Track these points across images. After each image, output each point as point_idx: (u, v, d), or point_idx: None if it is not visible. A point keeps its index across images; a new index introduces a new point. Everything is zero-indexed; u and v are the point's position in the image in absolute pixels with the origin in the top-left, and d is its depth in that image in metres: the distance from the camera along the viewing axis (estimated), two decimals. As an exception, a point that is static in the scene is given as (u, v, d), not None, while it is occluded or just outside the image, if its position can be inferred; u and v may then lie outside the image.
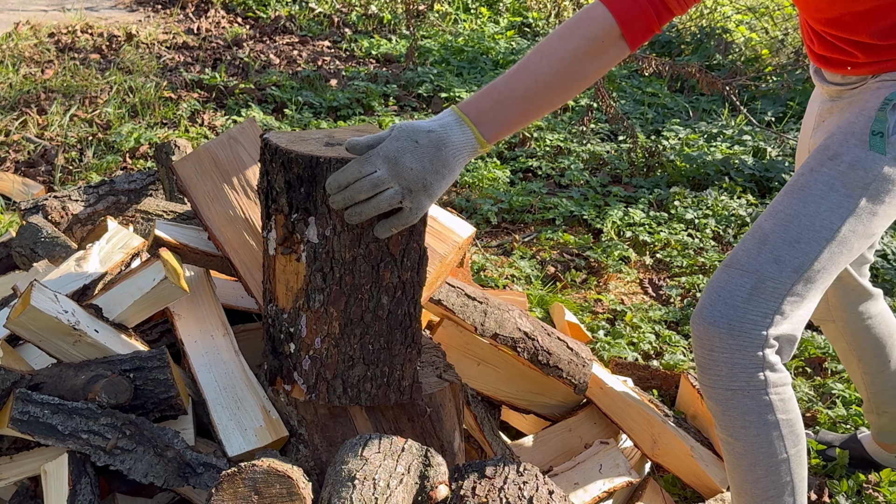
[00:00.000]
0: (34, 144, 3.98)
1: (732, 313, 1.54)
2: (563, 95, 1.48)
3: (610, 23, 1.44)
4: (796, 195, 1.55)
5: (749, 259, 1.55)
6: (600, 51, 1.45)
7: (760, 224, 1.58)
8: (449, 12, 6.25)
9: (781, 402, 1.59)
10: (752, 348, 1.54)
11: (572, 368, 2.14)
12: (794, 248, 1.52)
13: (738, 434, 1.61)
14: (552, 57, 1.45)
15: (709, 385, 1.61)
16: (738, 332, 1.54)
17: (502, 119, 1.45)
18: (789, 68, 5.24)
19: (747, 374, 1.56)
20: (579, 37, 1.45)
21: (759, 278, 1.53)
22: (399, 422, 1.65)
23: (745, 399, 1.58)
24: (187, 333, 1.76)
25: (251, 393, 1.68)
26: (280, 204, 1.52)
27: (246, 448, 1.59)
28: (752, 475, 1.64)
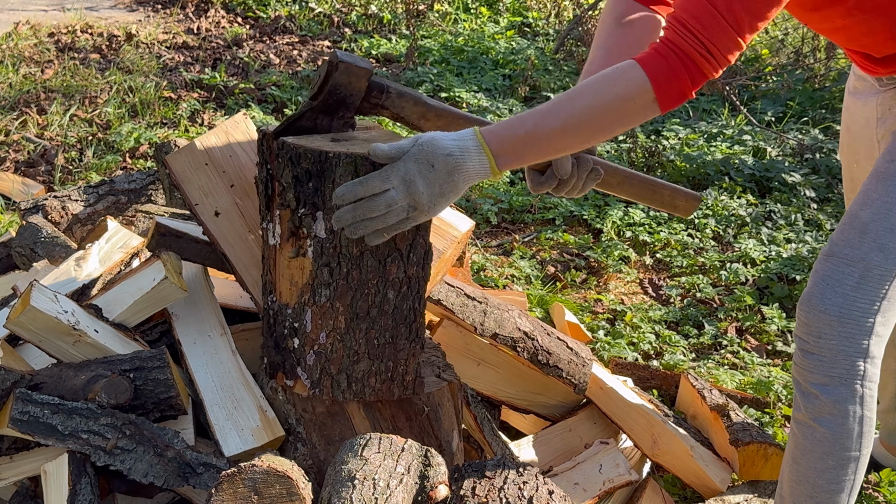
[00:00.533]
0: (34, 144, 3.98)
1: (843, 301, 1.58)
2: (584, 144, 1.50)
3: (646, 87, 1.45)
4: (891, 182, 1.58)
5: (852, 249, 1.58)
6: (631, 111, 1.47)
7: (857, 213, 1.60)
8: (449, 12, 6.25)
9: (870, 398, 1.62)
10: (860, 336, 1.58)
11: (572, 368, 2.14)
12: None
13: (824, 420, 1.63)
14: (584, 108, 1.47)
15: (808, 369, 1.63)
16: (847, 320, 1.57)
17: (521, 156, 1.47)
18: (789, 68, 5.23)
19: (850, 361, 1.59)
20: (614, 95, 1.46)
21: (866, 267, 1.57)
22: (397, 421, 1.65)
23: (841, 387, 1.60)
24: (185, 333, 1.76)
25: (248, 393, 1.68)
26: (287, 199, 1.52)
27: (242, 448, 1.59)
28: (821, 464, 1.65)
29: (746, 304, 3.07)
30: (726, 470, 2.15)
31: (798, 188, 3.89)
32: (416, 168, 1.43)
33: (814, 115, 4.68)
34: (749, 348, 2.88)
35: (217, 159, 1.79)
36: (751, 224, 3.61)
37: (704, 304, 3.11)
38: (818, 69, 5.17)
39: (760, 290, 3.19)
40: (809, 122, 4.62)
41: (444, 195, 1.44)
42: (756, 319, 3.01)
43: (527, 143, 1.46)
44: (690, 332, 2.94)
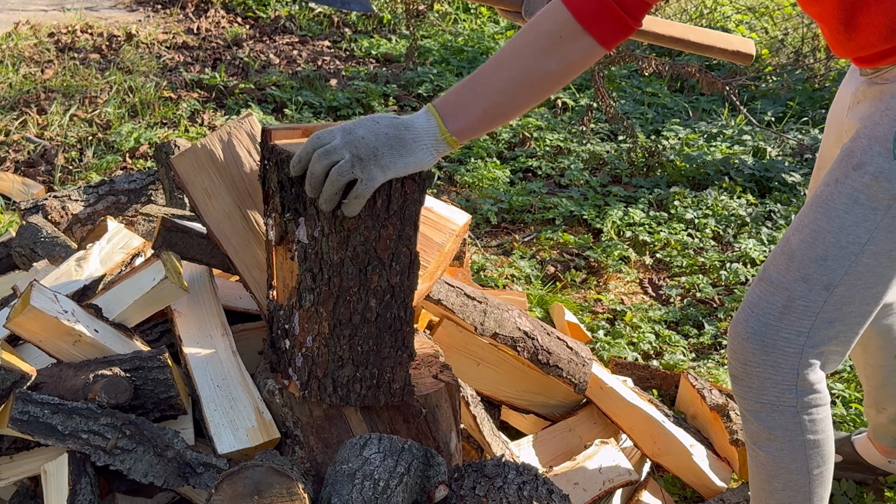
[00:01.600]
0: (34, 144, 3.98)
1: (765, 330, 1.53)
2: (527, 91, 1.44)
3: (566, 17, 1.40)
4: (821, 209, 1.50)
5: (779, 275, 1.53)
6: (560, 46, 1.41)
7: (788, 237, 1.54)
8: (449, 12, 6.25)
9: (811, 423, 1.58)
10: (787, 366, 1.53)
11: (572, 368, 2.14)
12: (821, 266, 1.49)
13: (762, 445, 1.61)
14: (510, 52, 1.43)
15: (739, 395, 1.60)
16: (771, 349, 1.53)
17: (466, 112, 1.43)
18: (789, 68, 5.24)
19: (778, 390, 1.55)
20: (536, 32, 1.42)
21: (790, 297, 1.51)
22: (395, 423, 1.65)
23: (773, 413, 1.57)
24: (186, 331, 1.76)
25: (246, 393, 1.68)
26: (274, 203, 1.53)
27: (237, 447, 1.59)
28: (768, 485, 1.64)
29: (746, 304, 3.07)
30: (726, 470, 2.15)
31: (798, 188, 3.89)
32: (359, 121, 1.41)
33: (814, 115, 4.68)
34: (749, 348, 2.88)
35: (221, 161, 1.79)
36: (751, 224, 3.61)
37: (704, 304, 3.11)
38: (818, 69, 5.17)
39: (760, 290, 3.19)
40: (809, 122, 4.62)
41: (391, 146, 1.40)
42: (756, 319, 3.01)
43: (466, 96, 1.43)
44: (690, 332, 2.94)
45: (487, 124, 1.46)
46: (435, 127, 1.42)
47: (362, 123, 1.42)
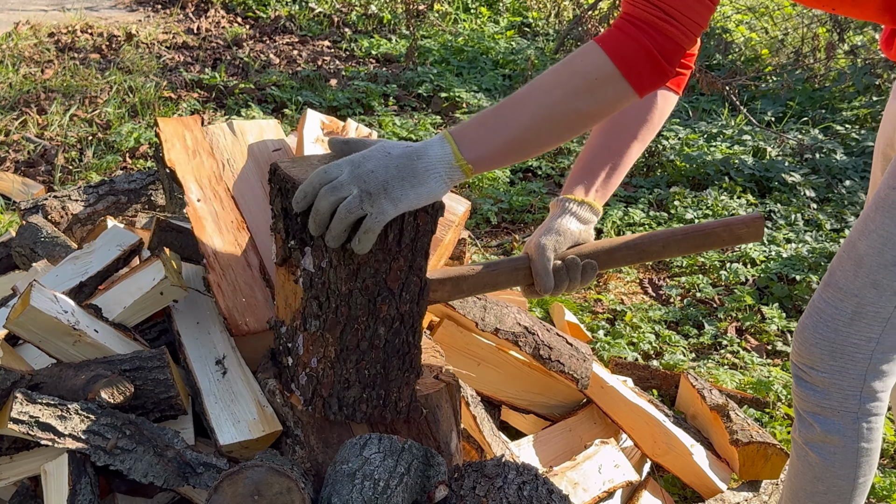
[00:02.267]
0: (34, 144, 3.98)
1: (834, 336, 1.52)
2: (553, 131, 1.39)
3: (603, 60, 1.35)
4: (888, 214, 1.48)
5: (847, 281, 1.51)
6: (593, 88, 1.35)
7: (854, 242, 1.52)
8: (449, 12, 6.25)
9: (869, 431, 1.58)
10: (855, 371, 1.53)
11: (574, 363, 2.14)
12: (891, 272, 1.48)
13: (815, 446, 1.60)
14: (541, 88, 1.38)
15: (801, 397, 1.60)
16: (839, 355, 1.52)
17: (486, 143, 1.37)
18: (789, 68, 5.24)
19: (843, 395, 1.55)
20: (570, 72, 1.37)
21: (859, 303, 1.50)
22: (395, 423, 1.65)
23: (833, 418, 1.57)
24: (185, 327, 1.76)
25: (246, 388, 1.68)
26: (278, 227, 1.49)
27: (238, 439, 1.58)
28: (812, 487, 1.63)
29: (746, 304, 3.07)
30: (726, 470, 2.15)
31: (798, 188, 3.89)
32: (367, 153, 1.35)
33: (814, 115, 4.68)
34: (749, 348, 2.88)
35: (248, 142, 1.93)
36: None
37: (704, 304, 3.11)
38: (818, 69, 5.17)
39: (760, 290, 3.19)
40: (809, 122, 4.62)
41: (402, 178, 1.34)
42: (756, 319, 3.01)
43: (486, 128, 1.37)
44: (690, 332, 2.94)
45: (506, 157, 1.40)
46: (450, 154, 1.36)
47: (372, 156, 1.35)
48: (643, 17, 1.34)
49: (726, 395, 2.47)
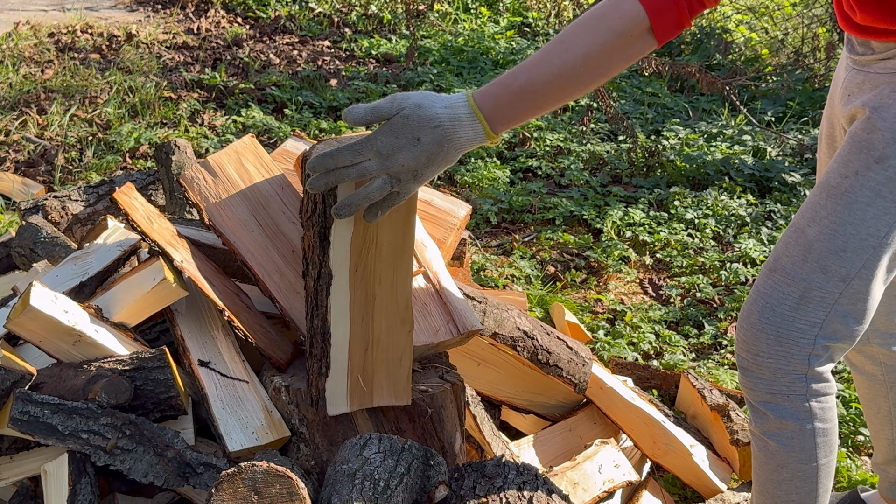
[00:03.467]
0: (34, 144, 3.98)
1: (780, 321, 1.53)
2: (584, 89, 1.42)
3: (642, 17, 1.37)
4: (841, 201, 1.49)
5: (794, 266, 1.52)
6: (627, 44, 1.39)
7: (803, 229, 1.53)
8: (449, 12, 6.24)
9: (821, 411, 1.58)
10: (799, 356, 1.53)
11: (572, 367, 2.14)
12: (840, 258, 1.49)
13: (772, 434, 1.60)
14: (578, 49, 1.38)
15: (749, 387, 1.60)
16: (785, 340, 1.53)
17: (517, 113, 1.39)
18: (789, 68, 5.24)
19: (790, 379, 1.55)
20: (607, 29, 1.38)
21: (806, 287, 1.51)
22: (400, 422, 1.65)
23: (784, 403, 1.57)
24: (188, 329, 1.76)
25: (253, 392, 1.68)
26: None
27: (247, 445, 1.58)
28: (777, 476, 1.63)
29: (746, 304, 3.07)
30: (726, 470, 2.15)
31: (798, 188, 3.89)
32: (397, 142, 1.35)
33: (814, 115, 4.68)
34: (749, 348, 2.88)
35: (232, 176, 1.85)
36: (751, 224, 3.61)
37: (704, 304, 3.11)
38: (818, 69, 5.17)
39: (760, 290, 3.19)
40: (809, 122, 4.62)
41: (431, 165, 1.37)
42: (756, 319, 3.00)
43: (522, 99, 1.38)
44: (690, 332, 2.94)
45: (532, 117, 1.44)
46: (482, 135, 1.38)
47: (401, 145, 1.35)
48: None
49: (726, 395, 2.47)
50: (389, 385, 1.59)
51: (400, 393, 1.61)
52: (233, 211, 1.82)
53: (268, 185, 1.87)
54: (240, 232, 1.80)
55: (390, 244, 1.50)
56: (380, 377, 1.58)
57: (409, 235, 1.52)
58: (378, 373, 1.58)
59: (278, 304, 1.73)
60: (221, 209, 1.81)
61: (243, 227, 1.80)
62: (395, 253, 1.51)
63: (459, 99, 1.38)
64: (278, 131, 4.21)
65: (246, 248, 1.78)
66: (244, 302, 1.78)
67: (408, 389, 1.61)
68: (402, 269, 1.54)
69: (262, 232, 1.81)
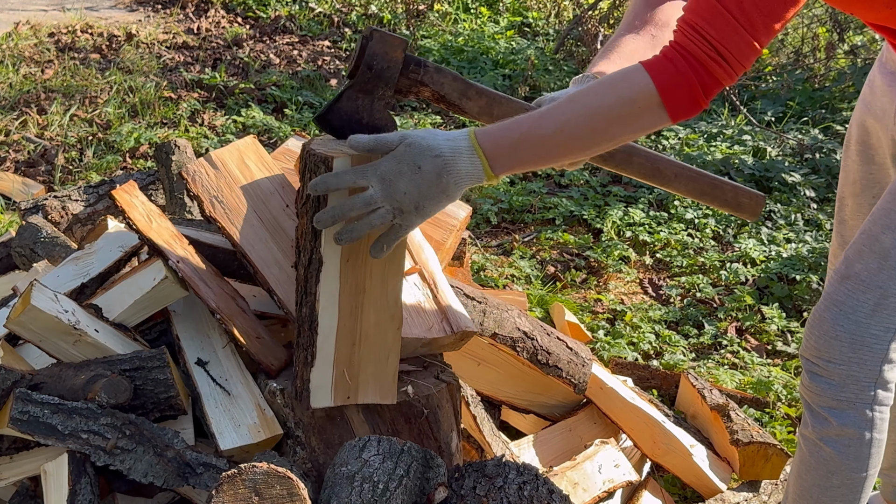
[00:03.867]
0: (34, 144, 3.98)
1: (855, 328, 1.53)
2: (585, 151, 1.44)
3: (650, 91, 1.38)
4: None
5: (870, 274, 1.53)
6: (635, 115, 1.40)
7: (877, 236, 1.53)
8: (449, 12, 6.25)
9: (881, 421, 1.59)
10: (872, 362, 1.54)
11: (572, 368, 2.14)
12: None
13: (830, 440, 1.60)
14: (584, 110, 1.41)
15: (815, 392, 1.59)
16: (859, 346, 1.53)
17: (516, 159, 1.41)
18: (789, 68, 5.23)
19: (859, 387, 1.55)
20: (615, 97, 1.40)
21: (883, 294, 1.52)
22: (396, 423, 1.65)
23: (850, 411, 1.57)
24: (184, 329, 1.76)
25: (246, 391, 1.68)
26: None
27: (239, 443, 1.58)
28: (826, 482, 1.63)
29: (746, 304, 3.07)
30: (726, 470, 2.15)
31: (798, 188, 3.89)
32: (398, 168, 1.37)
33: (814, 115, 4.68)
34: (749, 348, 2.88)
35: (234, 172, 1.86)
36: (751, 224, 3.61)
37: (704, 304, 3.11)
38: (818, 69, 5.17)
39: (760, 290, 3.19)
40: (809, 122, 4.62)
41: (432, 198, 1.39)
42: (756, 319, 3.01)
43: (523, 147, 1.40)
44: (690, 332, 2.94)
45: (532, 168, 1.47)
46: (480, 171, 1.40)
47: (402, 172, 1.37)
48: (695, 52, 1.37)
49: (726, 395, 2.47)
50: (375, 382, 1.59)
51: (385, 391, 1.60)
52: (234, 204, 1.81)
53: (269, 182, 1.88)
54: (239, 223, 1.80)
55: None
56: (366, 374, 1.58)
57: None
58: (364, 369, 1.57)
59: (276, 297, 1.73)
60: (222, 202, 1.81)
61: (244, 221, 1.80)
62: None
63: (461, 133, 1.41)
64: (278, 131, 4.20)
65: (246, 241, 1.78)
66: (240, 306, 1.78)
67: (393, 389, 1.61)
68: (393, 263, 1.54)
69: (262, 226, 1.81)
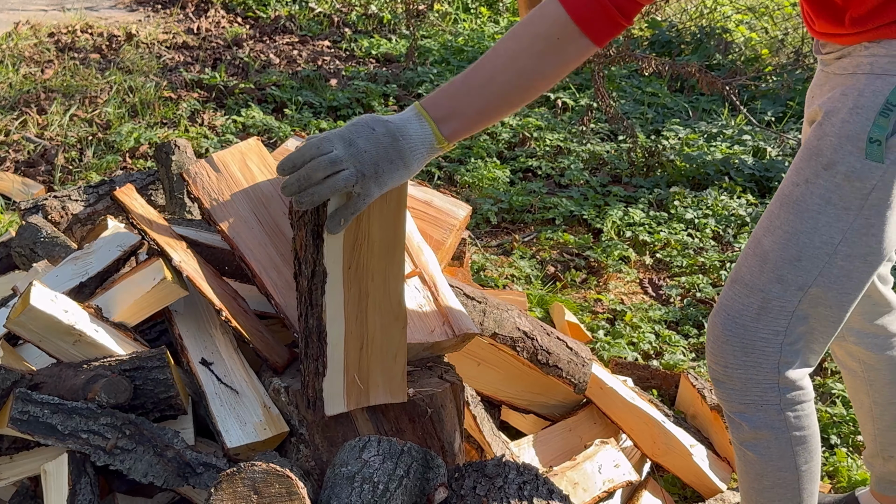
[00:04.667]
0: (34, 144, 3.98)
1: (743, 332, 1.54)
2: (524, 93, 1.44)
3: (564, 19, 1.39)
4: (793, 210, 1.50)
5: (752, 277, 1.53)
6: (558, 48, 1.41)
7: (760, 239, 1.54)
8: (449, 12, 6.25)
9: (797, 419, 1.59)
10: (767, 365, 1.54)
11: (572, 368, 2.14)
12: (795, 267, 1.50)
13: (749, 444, 1.61)
14: (506, 55, 1.42)
15: (722, 398, 1.61)
16: (750, 350, 1.54)
17: (460, 116, 1.42)
18: (789, 68, 5.23)
19: (761, 389, 1.56)
20: (533, 35, 1.41)
21: (765, 298, 1.52)
22: (400, 422, 1.65)
23: (758, 413, 1.57)
24: (186, 328, 1.76)
25: (251, 389, 1.68)
26: None
27: (245, 441, 1.58)
28: (758, 484, 1.64)
29: (746, 304, 3.06)
30: (726, 470, 2.15)
31: (798, 188, 3.88)
32: (355, 129, 1.39)
33: (814, 115, 4.68)
34: (749, 348, 2.88)
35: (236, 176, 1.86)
36: (751, 224, 3.61)
37: (704, 304, 3.11)
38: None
39: (760, 290, 3.19)
40: (809, 122, 4.61)
41: (390, 160, 1.38)
42: (756, 319, 3.01)
43: (461, 101, 1.42)
44: (690, 332, 2.94)
45: (479, 125, 1.46)
46: (430, 134, 1.41)
47: (360, 132, 1.39)
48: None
49: (726, 395, 2.47)
50: (385, 383, 1.59)
51: (396, 390, 1.61)
52: (234, 207, 1.82)
53: (270, 185, 1.88)
54: (239, 227, 1.80)
55: (382, 240, 1.50)
56: (375, 375, 1.58)
57: (399, 231, 1.52)
58: (374, 371, 1.58)
59: (273, 301, 1.73)
60: (223, 204, 1.81)
61: (243, 224, 1.80)
62: (386, 249, 1.51)
63: (408, 108, 1.44)
64: (278, 131, 4.21)
65: (245, 244, 1.78)
66: (241, 305, 1.78)
67: (403, 387, 1.61)
68: (394, 264, 1.54)
69: (261, 230, 1.81)
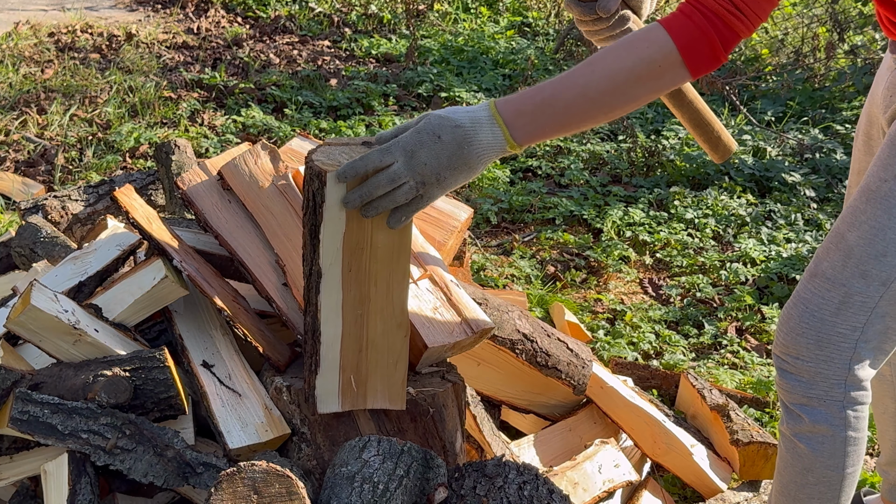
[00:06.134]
0: (34, 144, 3.98)
1: (821, 326, 1.53)
2: (608, 114, 1.44)
3: (670, 48, 1.39)
4: (880, 205, 1.49)
5: (835, 272, 1.52)
6: (656, 75, 1.41)
7: (843, 234, 1.53)
8: (449, 12, 6.24)
9: (855, 419, 1.58)
10: (840, 360, 1.54)
11: (571, 369, 2.14)
12: (880, 262, 1.49)
13: (804, 437, 1.60)
14: (604, 73, 1.41)
15: (786, 389, 1.60)
16: (825, 344, 1.53)
17: (538, 126, 1.41)
18: (789, 68, 5.23)
19: (828, 384, 1.55)
20: (636, 58, 1.40)
21: (847, 292, 1.51)
22: (402, 422, 1.65)
23: (820, 408, 1.57)
24: (186, 329, 1.76)
25: (252, 390, 1.68)
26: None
27: (247, 442, 1.58)
28: (802, 479, 1.63)
29: (746, 303, 3.07)
30: (726, 470, 2.15)
31: (798, 188, 3.89)
32: (419, 138, 1.38)
33: (814, 115, 4.68)
34: (749, 348, 2.88)
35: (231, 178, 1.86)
36: (751, 224, 3.61)
37: (704, 304, 3.11)
38: (818, 69, 5.17)
39: (760, 290, 3.19)
40: (809, 121, 4.62)
41: (453, 168, 1.39)
42: (756, 319, 3.01)
43: (544, 112, 1.40)
44: (690, 332, 2.94)
45: (552, 136, 1.46)
46: (502, 141, 1.40)
47: (424, 142, 1.38)
48: (712, 6, 1.39)
49: (726, 394, 2.47)
50: (384, 388, 1.59)
51: (394, 397, 1.60)
52: (230, 213, 1.82)
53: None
54: (237, 232, 1.80)
55: (386, 246, 1.49)
56: (374, 379, 1.58)
57: (405, 239, 1.51)
58: (372, 375, 1.57)
59: (275, 304, 1.73)
60: (217, 210, 1.81)
61: (240, 228, 1.80)
62: (391, 255, 1.50)
63: (481, 105, 1.42)
64: (278, 131, 4.20)
65: (243, 249, 1.78)
66: (241, 305, 1.78)
67: (402, 394, 1.60)
68: (398, 272, 1.53)
69: (259, 233, 1.81)
